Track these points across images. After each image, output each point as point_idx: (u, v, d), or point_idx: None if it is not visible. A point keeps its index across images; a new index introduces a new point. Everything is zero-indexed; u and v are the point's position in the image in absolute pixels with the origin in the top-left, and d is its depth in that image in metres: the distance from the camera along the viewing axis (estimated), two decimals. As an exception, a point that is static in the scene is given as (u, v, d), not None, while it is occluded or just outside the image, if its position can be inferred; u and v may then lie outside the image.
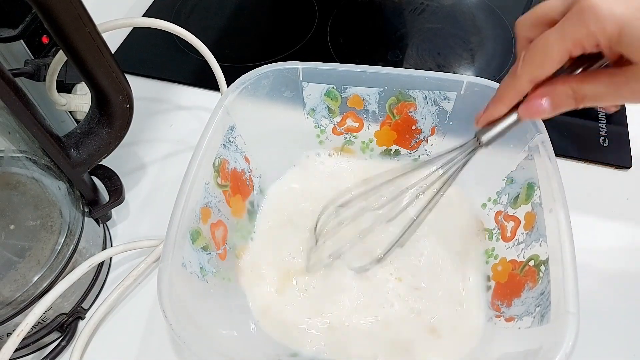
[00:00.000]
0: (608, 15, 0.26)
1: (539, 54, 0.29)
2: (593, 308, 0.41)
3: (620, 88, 0.28)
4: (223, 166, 0.41)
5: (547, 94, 0.30)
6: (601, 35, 0.26)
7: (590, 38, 0.26)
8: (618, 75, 0.28)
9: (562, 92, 0.30)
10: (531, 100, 0.31)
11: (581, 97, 0.29)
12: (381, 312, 0.41)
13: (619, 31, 0.26)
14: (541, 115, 0.31)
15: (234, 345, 0.35)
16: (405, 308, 0.41)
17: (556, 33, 0.28)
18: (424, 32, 0.66)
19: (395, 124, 0.47)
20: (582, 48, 0.27)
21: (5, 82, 0.30)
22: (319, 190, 0.48)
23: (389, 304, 0.41)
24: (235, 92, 0.42)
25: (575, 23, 0.27)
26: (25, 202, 0.38)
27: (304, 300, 0.41)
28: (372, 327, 0.40)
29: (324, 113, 0.47)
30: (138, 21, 0.44)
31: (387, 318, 0.40)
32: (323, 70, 0.43)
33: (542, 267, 0.35)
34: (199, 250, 0.37)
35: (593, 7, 0.26)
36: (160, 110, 0.58)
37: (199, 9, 0.70)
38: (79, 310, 0.41)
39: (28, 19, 0.41)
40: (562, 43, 0.27)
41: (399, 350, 0.39)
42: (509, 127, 0.34)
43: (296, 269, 0.43)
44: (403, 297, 0.41)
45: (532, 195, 0.38)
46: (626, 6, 0.25)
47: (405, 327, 0.40)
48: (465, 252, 0.43)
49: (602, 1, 0.26)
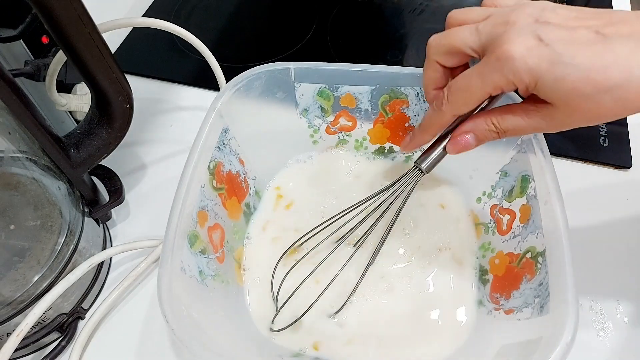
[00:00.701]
0: (523, 67, 0.27)
1: (462, 94, 0.31)
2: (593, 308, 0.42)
3: (538, 122, 0.30)
4: (218, 169, 0.41)
5: (472, 130, 0.34)
6: (519, 83, 0.28)
7: (509, 84, 0.29)
8: (533, 112, 0.30)
9: (485, 128, 0.33)
10: (457, 137, 0.34)
11: (503, 130, 0.32)
12: (378, 307, 0.41)
13: (535, 81, 0.28)
14: (467, 149, 0.34)
15: (234, 347, 0.35)
16: (402, 303, 0.41)
17: (477, 78, 0.30)
18: (424, 32, 0.66)
19: (388, 121, 0.47)
20: (501, 90, 0.30)
21: (5, 82, 0.30)
22: (315, 190, 0.48)
23: (385, 299, 0.41)
24: (228, 94, 0.42)
25: (493, 70, 0.29)
26: (25, 203, 0.38)
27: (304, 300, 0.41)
28: (370, 323, 0.40)
29: (317, 113, 0.47)
30: (138, 21, 0.44)
31: (384, 313, 0.41)
32: (315, 70, 0.43)
33: (539, 258, 0.35)
34: (197, 253, 0.37)
35: (509, 59, 0.28)
36: (160, 110, 0.58)
37: (199, 9, 0.70)
38: (78, 310, 0.41)
39: (28, 19, 0.41)
40: (483, 87, 0.30)
41: (396, 344, 0.39)
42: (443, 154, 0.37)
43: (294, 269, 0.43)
44: (400, 292, 0.42)
45: (526, 187, 0.38)
46: (539, 58, 0.27)
47: (402, 322, 0.40)
48: (462, 247, 0.44)
49: (516, 52, 0.27)
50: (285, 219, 0.47)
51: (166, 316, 0.31)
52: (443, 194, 0.48)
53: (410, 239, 0.45)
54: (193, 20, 0.69)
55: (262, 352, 0.38)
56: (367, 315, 0.41)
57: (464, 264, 0.43)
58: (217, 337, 0.33)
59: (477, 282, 0.42)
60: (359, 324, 0.40)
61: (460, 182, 0.48)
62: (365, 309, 0.41)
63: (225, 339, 0.34)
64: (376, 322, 0.40)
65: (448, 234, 0.45)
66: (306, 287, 0.41)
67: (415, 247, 0.44)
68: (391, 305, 0.41)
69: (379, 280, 0.42)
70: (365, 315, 0.41)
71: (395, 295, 0.42)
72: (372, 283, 0.42)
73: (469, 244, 0.44)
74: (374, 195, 0.40)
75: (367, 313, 0.41)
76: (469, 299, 0.41)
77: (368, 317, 0.41)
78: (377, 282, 0.42)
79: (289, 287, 0.41)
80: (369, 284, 0.42)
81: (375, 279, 0.42)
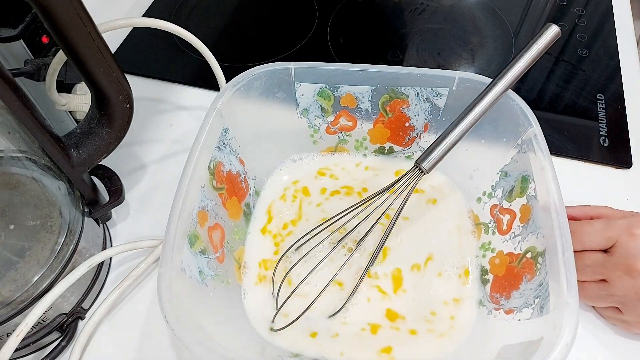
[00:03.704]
0: None
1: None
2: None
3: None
4: (218, 169, 0.41)
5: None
6: None
7: None
8: None
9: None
10: None
11: None
12: (378, 307, 0.41)
13: None
14: None
15: (234, 347, 0.35)
16: (401, 303, 0.41)
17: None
18: (424, 32, 0.66)
19: (388, 121, 0.47)
20: None
21: (5, 82, 0.30)
22: (315, 190, 0.48)
23: (385, 299, 0.41)
24: (228, 94, 0.42)
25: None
26: (25, 202, 0.38)
27: (304, 301, 0.41)
28: (370, 323, 0.40)
29: (317, 113, 0.47)
30: (138, 21, 0.44)
31: (384, 313, 0.41)
32: (315, 70, 0.43)
33: (539, 258, 0.35)
34: (197, 254, 0.37)
35: None
36: (160, 110, 0.58)
37: (199, 9, 0.70)
38: (79, 310, 0.41)
39: (28, 19, 0.41)
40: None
41: (396, 345, 0.39)
42: (447, 151, 0.37)
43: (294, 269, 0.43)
44: (399, 292, 0.42)
45: (526, 188, 0.38)
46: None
47: (402, 322, 0.40)
48: (462, 247, 0.44)
49: None
50: (285, 219, 0.47)
51: (166, 316, 0.31)
52: (443, 194, 0.48)
53: (411, 239, 0.45)
54: (193, 20, 0.69)
55: (262, 352, 0.38)
56: (366, 315, 0.41)
57: (464, 264, 0.43)
58: (217, 337, 0.33)
59: (477, 282, 0.42)
60: (359, 324, 0.40)
61: (460, 182, 0.48)
62: (365, 309, 0.41)
63: (225, 339, 0.34)
64: (376, 323, 0.40)
65: (448, 234, 0.45)
66: (306, 287, 0.41)
67: (415, 247, 0.44)
68: (391, 305, 0.41)
69: (378, 280, 0.42)
70: (365, 315, 0.41)
71: (395, 296, 0.42)
72: (372, 283, 0.42)
73: (469, 244, 0.44)
74: (374, 196, 0.40)
75: (367, 313, 0.41)
76: (469, 299, 0.41)
77: (368, 317, 0.41)
78: (377, 282, 0.42)
79: (289, 287, 0.41)
80: (369, 284, 0.42)
81: (375, 279, 0.42)
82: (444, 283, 0.42)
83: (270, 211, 0.47)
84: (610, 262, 0.36)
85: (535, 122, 0.39)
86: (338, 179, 0.49)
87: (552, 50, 0.39)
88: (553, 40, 0.37)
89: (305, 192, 0.48)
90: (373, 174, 0.49)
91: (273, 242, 0.45)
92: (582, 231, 0.38)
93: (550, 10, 0.69)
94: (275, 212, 0.47)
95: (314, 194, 0.48)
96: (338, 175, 0.49)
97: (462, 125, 0.38)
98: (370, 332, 0.40)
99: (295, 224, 0.46)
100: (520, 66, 0.37)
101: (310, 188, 0.49)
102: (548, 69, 0.61)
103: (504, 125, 0.41)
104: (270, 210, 0.47)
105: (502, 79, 0.38)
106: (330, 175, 0.49)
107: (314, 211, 0.47)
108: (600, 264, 0.37)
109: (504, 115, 0.41)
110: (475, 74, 0.42)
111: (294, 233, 0.45)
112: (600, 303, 0.39)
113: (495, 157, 0.43)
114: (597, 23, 0.67)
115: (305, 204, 0.47)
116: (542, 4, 0.70)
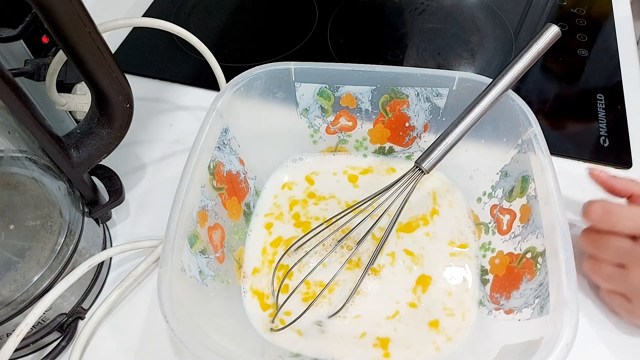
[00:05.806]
0: None
1: None
2: (593, 308, 0.41)
3: None
4: (218, 169, 0.41)
5: None
6: None
7: None
8: None
9: None
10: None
11: None
12: (378, 307, 0.41)
13: None
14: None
15: (234, 347, 0.35)
16: (401, 303, 0.41)
17: None
18: (424, 32, 0.66)
19: (388, 121, 0.47)
20: None
21: (5, 82, 0.30)
22: (315, 190, 0.48)
23: (385, 299, 0.41)
24: (228, 94, 0.42)
25: None
26: (25, 202, 0.38)
27: (304, 300, 0.41)
28: (370, 323, 0.40)
29: (317, 113, 0.47)
30: (138, 21, 0.44)
31: (384, 313, 0.41)
32: (315, 70, 0.43)
33: (539, 258, 0.35)
34: (197, 254, 0.37)
35: None
36: (160, 110, 0.58)
37: (199, 9, 0.70)
38: (79, 310, 0.41)
39: (28, 19, 0.41)
40: None
41: (396, 345, 0.39)
42: (447, 151, 0.37)
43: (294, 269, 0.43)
44: (399, 292, 0.42)
45: (526, 188, 0.38)
46: None
47: (402, 322, 0.40)
48: (462, 247, 0.44)
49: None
50: (285, 219, 0.47)
51: (166, 316, 0.31)
52: (443, 193, 0.48)
53: (411, 239, 0.45)
54: (193, 20, 0.69)
55: (262, 352, 0.38)
56: (366, 315, 0.41)
57: (464, 264, 0.43)
58: (217, 337, 0.33)
59: (477, 282, 0.42)
60: (359, 324, 0.40)
61: (460, 182, 0.48)
62: (365, 309, 0.41)
63: (225, 339, 0.34)
64: (376, 323, 0.40)
65: (448, 234, 0.45)
66: (306, 287, 0.41)
67: (415, 247, 0.44)
68: (391, 305, 0.41)
69: (378, 281, 0.42)
70: (365, 315, 0.41)
71: (395, 296, 0.42)
72: (371, 283, 0.42)
73: (470, 244, 0.44)
74: (374, 196, 0.40)
75: (367, 313, 0.41)
76: (469, 299, 0.41)
77: (368, 317, 0.41)
78: (377, 282, 0.42)
79: (289, 287, 0.41)
80: (369, 284, 0.42)
81: (375, 279, 0.42)
82: (443, 283, 0.42)
83: (271, 211, 0.47)
84: (637, 252, 0.36)
85: (535, 122, 0.39)
86: (338, 179, 0.49)
87: (552, 50, 0.39)
88: (553, 40, 0.37)
89: (305, 192, 0.48)
90: (373, 174, 0.49)
91: (273, 242, 0.45)
92: (619, 213, 0.37)
93: (550, 10, 0.69)
94: (276, 212, 0.47)
95: (313, 195, 0.48)
96: (338, 175, 0.49)
97: (462, 125, 0.38)
98: (370, 332, 0.40)
99: (295, 225, 0.46)
100: (520, 66, 0.38)
101: (310, 188, 0.49)
102: (548, 69, 0.61)
103: (504, 125, 0.41)
104: (271, 210, 0.47)
105: (502, 79, 0.38)
106: (331, 175, 0.49)
107: (314, 211, 0.47)
108: (626, 251, 0.37)
109: (504, 115, 0.41)
110: (475, 74, 0.42)
111: (294, 233, 0.45)
112: (610, 284, 0.39)
113: (495, 157, 0.43)
114: (597, 23, 0.67)
115: (306, 204, 0.47)
116: (542, 4, 0.70)
